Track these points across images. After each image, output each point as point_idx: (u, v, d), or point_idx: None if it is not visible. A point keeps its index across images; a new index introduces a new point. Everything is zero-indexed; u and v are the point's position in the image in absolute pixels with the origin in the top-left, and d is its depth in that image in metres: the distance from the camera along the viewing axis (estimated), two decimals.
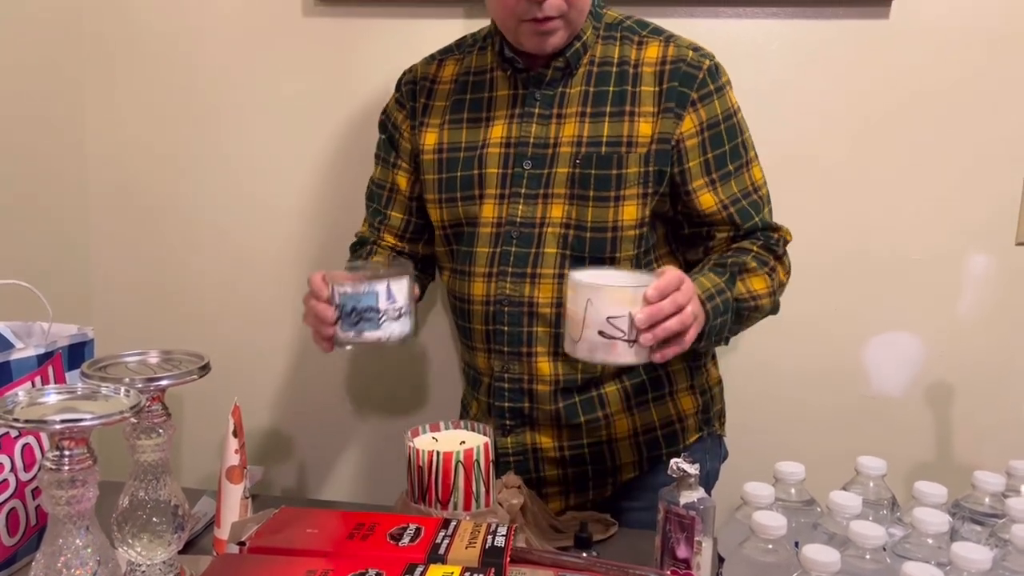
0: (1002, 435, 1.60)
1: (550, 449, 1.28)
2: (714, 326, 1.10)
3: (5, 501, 1.02)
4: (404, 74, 1.35)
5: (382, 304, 0.99)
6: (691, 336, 1.02)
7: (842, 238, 1.59)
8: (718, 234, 1.22)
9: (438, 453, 0.97)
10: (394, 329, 0.99)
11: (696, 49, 1.21)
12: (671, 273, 1.00)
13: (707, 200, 1.20)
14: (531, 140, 1.22)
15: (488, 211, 1.24)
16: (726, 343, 1.21)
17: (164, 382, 0.98)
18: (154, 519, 0.98)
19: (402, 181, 1.33)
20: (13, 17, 1.58)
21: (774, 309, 1.23)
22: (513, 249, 1.22)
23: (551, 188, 1.21)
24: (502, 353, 1.25)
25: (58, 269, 1.75)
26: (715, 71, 1.21)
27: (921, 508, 0.89)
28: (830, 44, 1.55)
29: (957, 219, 1.57)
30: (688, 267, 1.24)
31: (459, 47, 1.33)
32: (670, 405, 1.30)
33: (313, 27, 1.68)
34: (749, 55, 1.56)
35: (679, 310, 0.98)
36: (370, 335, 0.99)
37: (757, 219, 1.21)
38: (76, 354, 1.12)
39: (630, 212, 1.19)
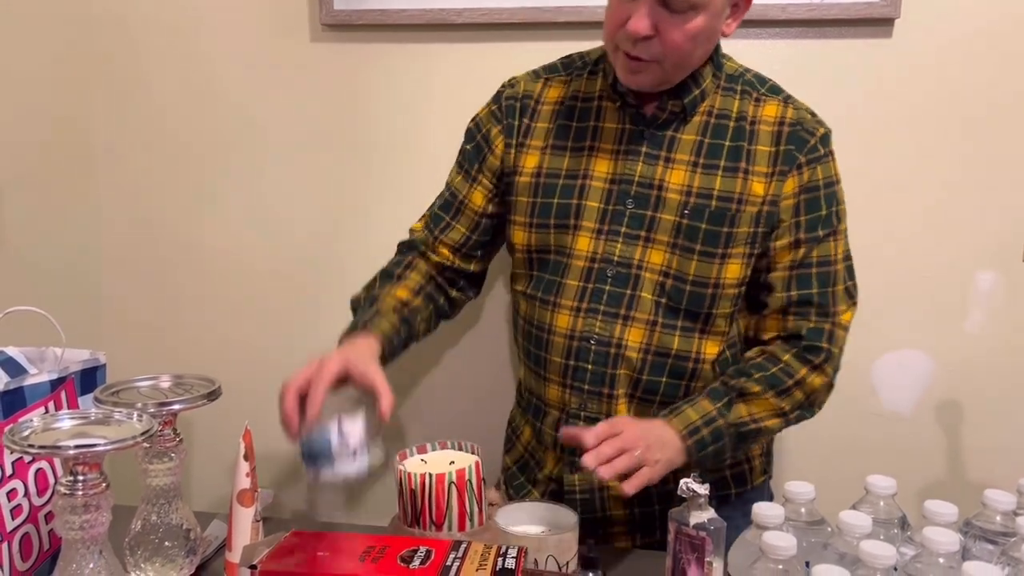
0: (1013, 452, 1.59)
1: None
2: (706, 454, 1.13)
3: (19, 526, 1.02)
4: (505, 87, 1.30)
5: (335, 446, 1.03)
6: (657, 471, 1.07)
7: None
8: (771, 301, 1.19)
9: (430, 475, 0.97)
10: (349, 469, 1.03)
11: (813, 114, 1.21)
12: (615, 422, 1.09)
13: (782, 259, 1.18)
14: (636, 179, 1.18)
15: (583, 244, 1.20)
16: (742, 455, 1.25)
17: (176, 407, 0.99)
18: (166, 543, 0.99)
19: (478, 197, 1.29)
20: (26, 47, 1.61)
21: (803, 413, 1.21)
22: (607, 288, 1.19)
23: (654, 232, 1.18)
24: (581, 391, 1.21)
25: (70, 294, 1.76)
26: (827, 139, 1.20)
27: (931, 527, 0.89)
28: (834, 64, 1.56)
29: (965, 236, 1.57)
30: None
31: (566, 68, 1.29)
32: None
33: (321, 53, 1.70)
34: None
35: (619, 452, 1.04)
36: (327, 474, 1.03)
37: (814, 292, 1.18)
38: (88, 379, 1.13)
39: (734, 271, 1.17)
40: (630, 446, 1.05)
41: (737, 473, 1.29)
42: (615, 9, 1.11)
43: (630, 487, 1.04)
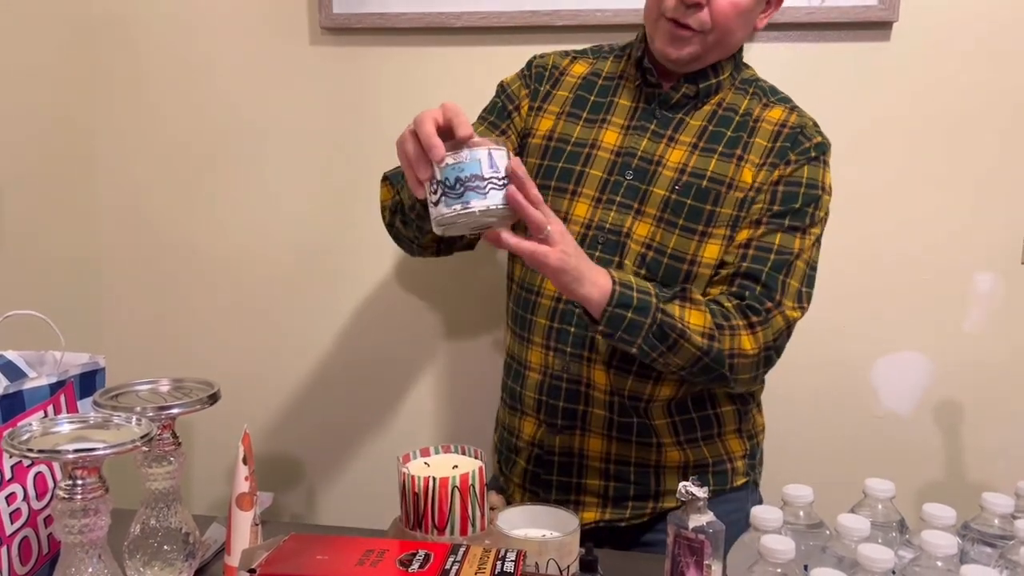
0: (1011, 455, 1.59)
1: (597, 458, 1.26)
2: (622, 317, 1.07)
3: (18, 530, 1.02)
4: (536, 57, 1.36)
5: (486, 172, 0.95)
6: (556, 259, 1.00)
7: (849, 259, 1.60)
8: (721, 272, 1.19)
9: (434, 479, 0.97)
10: (500, 198, 0.95)
11: (816, 125, 1.24)
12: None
13: (740, 236, 1.19)
14: (638, 153, 1.23)
15: (581, 211, 1.24)
16: (654, 362, 1.13)
17: (175, 410, 0.99)
18: (165, 546, 0.99)
19: None
20: (26, 47, 1.61)
21: (719, 366, 1.13)
22: (597, 254, 1.21)
23: (645, 205, 1.21)
24: (564, 353, 1.24)
25: (69, 296, 1.76)
26: (823, 147, 1.22)
27: (930, 531, 0.89)
28: (832, 67, 1.56)
29: (964, 238, 1.57)
30: None
31: (594, 52, 1.35)
32: (720, 445, 1.29)
33: (320, 56, 1.70)
34: None
35: (535, 203, 0.98)
36: (477, 203, 0.94)
37: (764, 269, 1.16)
38: (88, 382, 1.13)
39: (712, 250, 1.19)
40: (554, 228, 1.00)
41: (718, 472, 1.30)
42: None
43: (507, 236, 0.99)
